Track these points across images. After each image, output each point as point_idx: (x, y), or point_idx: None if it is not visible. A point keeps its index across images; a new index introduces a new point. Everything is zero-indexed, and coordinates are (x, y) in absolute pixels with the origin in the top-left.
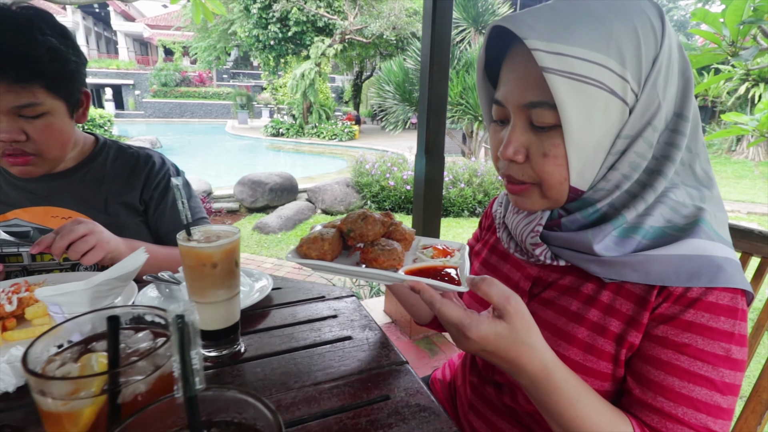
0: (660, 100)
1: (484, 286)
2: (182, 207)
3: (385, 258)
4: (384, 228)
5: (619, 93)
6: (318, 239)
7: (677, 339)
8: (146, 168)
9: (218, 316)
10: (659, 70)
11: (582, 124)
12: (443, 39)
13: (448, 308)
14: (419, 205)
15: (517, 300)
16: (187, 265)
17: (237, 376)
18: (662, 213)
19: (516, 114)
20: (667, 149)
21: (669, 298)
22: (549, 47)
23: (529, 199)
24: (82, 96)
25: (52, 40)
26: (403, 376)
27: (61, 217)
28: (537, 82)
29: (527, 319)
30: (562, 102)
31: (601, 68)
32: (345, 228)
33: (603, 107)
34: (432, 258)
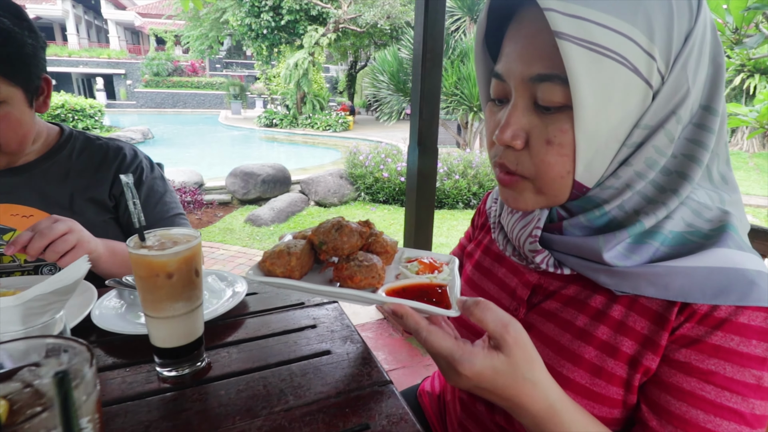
0: (689, 85)
1: (478, 312)
2: (133, 208)
3: (363, 275)
4: (362, 240)
5: (643, 72)
6: (284, 253)
7: (702, 366)
8: (116, 161)
9: (177, 332)
10: (691, 50)
11: (597, 105)
12: (436, 26)
13: (436, 338)
14: (412, 197)
15: (517, 328)
16: (139, 275)
17: (197, 400)
18: (683, 216)
19: (518, 90)
20: (691, 147)
21: (692, 318)
22: (566, 8)
23: (521, 195)
24: (42, 83)
25: (4, 21)
26: (386, 399)
27: (21, 215)
28: (547, 52)
29: (529, 350)
30: (576, 76)
31: (626, 40)
32: (316, 240)
33: (623, 88)
34: (417, 273)
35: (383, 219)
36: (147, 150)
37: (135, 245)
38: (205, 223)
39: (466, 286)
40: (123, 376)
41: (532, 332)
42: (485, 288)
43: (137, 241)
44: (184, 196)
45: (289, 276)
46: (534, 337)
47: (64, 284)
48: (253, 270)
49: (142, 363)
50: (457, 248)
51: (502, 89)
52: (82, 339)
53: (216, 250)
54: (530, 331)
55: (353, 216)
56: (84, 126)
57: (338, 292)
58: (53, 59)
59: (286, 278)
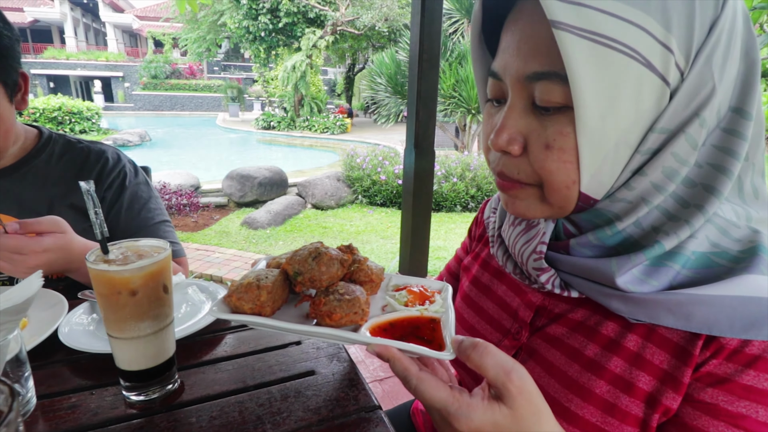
0: (715, 82)
1: (476, 356)
2: (95, 218)
3: (343, 312)
4: (343, 269)
5: (658, 67)
6: (253, 287)
7: (732, 408)
8: (98, 165)
9: (143, 354)
10: (717, 41)
11: (602, 106)
12: (433, 27)
13: (428, 387)
14: (409, 200)
15: (521, 374)
16: (100, 292)
17: (166, 428)
18: (708, 234)
19: (515, 89)
20: (718, 156)
21: (720, 353)
22: None
23: (524, 201)
24: (19, 78)
25: None
26: (374, 428)
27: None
28: (545, 47)
29: (536, 400)
30: (577, 73)
31: (637, 30)
32: (291, 270)
33: (634, 85)
34: (406, 304)
35: (380, 222)
36: (144, 152)
37: (95, 259)
38: (201, 226)
39: (463, 303)
40: (87, 401)
41: (536, 359)
42: (484, 307)
43: (98, 255)
44: (181, 198)
45: (258, 312)
46: (538, 365)
47: (13, 303)
48: (217, 306)
49: (109, 385)
50: (453, 260)
51: (499, 88)
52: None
53: (212, 253)
54: (533, 358)
55: (350, 218)
56: (81, 128)
57: (316, 332)
58: (51, 62)
59: (256, 315)
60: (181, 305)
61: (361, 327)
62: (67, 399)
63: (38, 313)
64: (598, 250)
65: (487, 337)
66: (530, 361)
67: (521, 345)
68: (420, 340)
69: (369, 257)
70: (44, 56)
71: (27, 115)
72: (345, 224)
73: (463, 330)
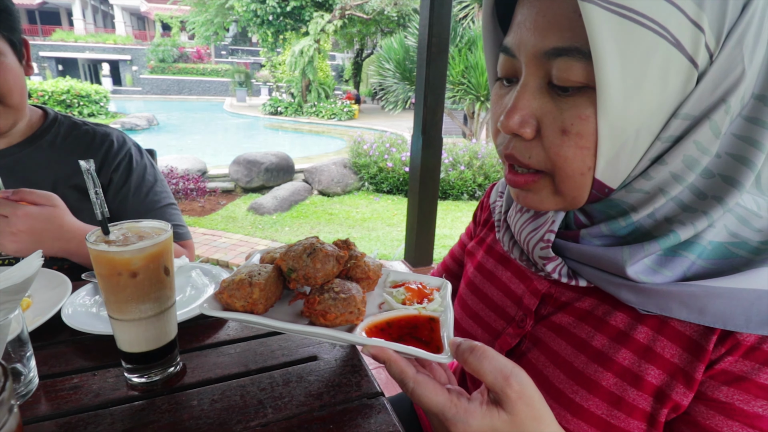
0: (745, 66)
1: (474, 360)
2: (95, 198)
3: (338, 311)
4: (339, 265)
5: (687, 47)
6: (245, 284)
7: (748, 408)
8: (103, 147)
9: (145, 336)
10: (750, 22)
11: (627, 87)
12: (443, 13)
13: (425, 391)
14: (416, 188)
15: (521, 379)
16: (100, 273)
17: (167, 411)
18: (726, 224)
19: (530, 67)
20: (740, 146)
21: (736, 350)
22: None
23: (538, 194)
24: (22, 46)
25: None
26: (375, 414)
27: None
28: (567, 19)
29: (536, 404)
30: (602, 49)
31: (668, 5)
32: (285, 266)
33: (661, 65)
34: (404, 302)
35: (387, 209)
36: (152, 137)
37: (95, 240)
38: (208, 211)
39: (467, 289)
40: (89, 382)
41: (540, 348)
42: (488, 293)
43: (99, 235)
44: (188, 183)
45: (251, 310)
46: (542, 354)
47: (13, 282)
48: (208, 302)
49: (111, 367)
50: (457, 246)
51: (511, 66)
52: (50, 339)
53: (218, 238)
54: (537, 347)
55: (356, 205)
56: (89, 112)
57: (309, 331)
58: (60, 44)
59: (248, 313)
60: (185, 288)
61: (357, 327)
62: (69, 380)
63: (42, 293)
64: (608, 240)
65: (492, 325)
66: (534, 349)
67: (525, 333)
68: (418, 341)
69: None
70: (53, 38)
71: (36, 98)
72: (351, 211)
73: (467, 317)
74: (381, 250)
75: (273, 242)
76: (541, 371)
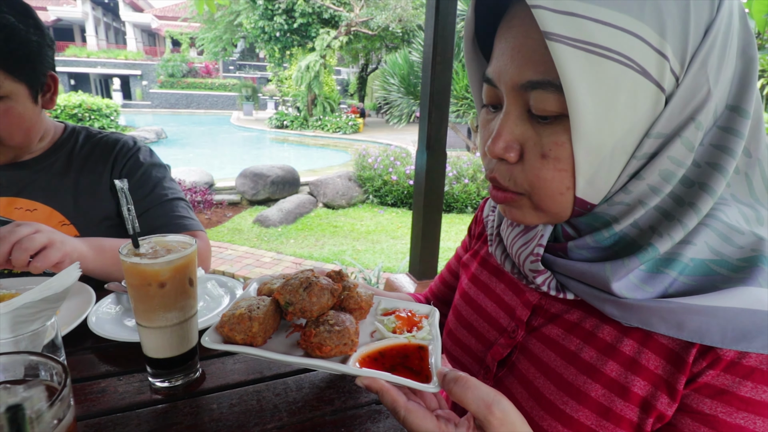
0: (710, 86)
1: (458, 390)
2: (127, 214)
3: (333, 344)
4: (333, 298)
5: (653, 74)
6: (245, 318)
7: (730, 420)
8: (114, 149)
9: (169, 343)
10: (712, 45)
11: (597, 114)
12: (447, 29)
13: (416, 418)
14: (420, 201)
15: (503, 406)
16: (131, 284)
17: (189, 414)
18: (707, 241)
19: (510, 97)
20: (715, 154)
21: (717, 365)
22: (557, 4)
23: (520, 210)
24: (47, 79)
25: (9, 18)
26: (384, 420)
27: (25, 209)
28: (539, 56)
29: (518, 430)
30: (571, 82)
31: (631, 37)
32: (282, 300)
33: (629, 93)
34: (394, 331)
35: (391, 222)
36: (160, 149)
37: (128, 253)
38: (215, 223)
39: (462, 300)
40: (115, 386)
41: (530, 359)
42: (482, 304)
43: (130, 248)
44: (195, 195)
45: (250, 343)
46: (532, 365)
47: (53, 292)
48: (210, 336)
49: (135, 372)
50: (453, 259)
51: (494, 94)
52: (76, 346)
53: (224, 250)
54: (527, 357)
55: (361, 218)
56: (100, 125)
57: (306, 363)
58: (72, 60)
59: (248, 345)
60: (201, 298)
61: (350, 357)
62: (97, 384)
63: (67, 302)
64: (595, 251)
65: (485, 335)
66: (525, 360)
67: (516, 343)
68: (408, 370)
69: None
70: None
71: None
72: (356, 224)
73: (462, 327)
74: (385, 263)
75: (278, 254)
76: (532, 381)
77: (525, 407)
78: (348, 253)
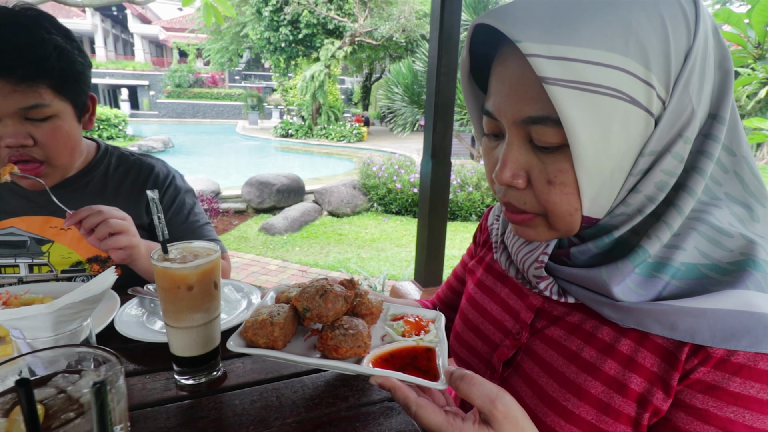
0: (694, 105)
1: (464, 386)
2: (158, 222)
3: (348, 346)
4: (347, 305)
5: (642, 102)
6: (267, 323)
7: (721, 414)
8: (150, 177)
9: (195, 342)
10: (692, 68)
11: (595, 144)
12: (451, 41)
13: (426, 413)
14: (425, 209)
15: (506, 401)
16: (161, 287)
17: (213, 408)
18: (697, 245)
19: (512, 130)
20: (696, 158)
21: (708, 362)
22: (549, 51)
23: (534, 230)
24: (88, 100)
25: (57, 38)
26: (396, 416)
27: (59, 227)
28: (536, 92)
29: (521, 423)
30: (570, 119)
31: (619, 72)
32: (300, 306)
33: (622, 121)
34: (403, 334)
35: (395, 230)
36: (167, 158)
37: (158, 258)
38: (221, 231)
39: (468, 305)
40: (143, 383)
41: (534, 359)
42: (487, 308)
43: (161, 254)
44: (201, 204)
45: (272, 346)
46: (536, 364)
47: (92, 293)
48: (234, 340)
49: (161, 370)
50: (459, 266)
51: (495, 126)
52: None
53: (230, 258)
54: (532, 358)
55: (365, 226)
56: (108, 135)
57: (323, 364)
58: None
59: (269, 348)
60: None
61: (364, 358)
62: (126, 381)
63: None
64: (596, 255)
65: (490, 337)
66: (529, 360)
67: (521, 345)
68: (417, 370)
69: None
70: None
71: None
72: (360, 232)
73: (468, 330)
74: (390, 271)
75: (284, 262)
76: (536, 380)
77: (529, 405)
78: (353, 261)
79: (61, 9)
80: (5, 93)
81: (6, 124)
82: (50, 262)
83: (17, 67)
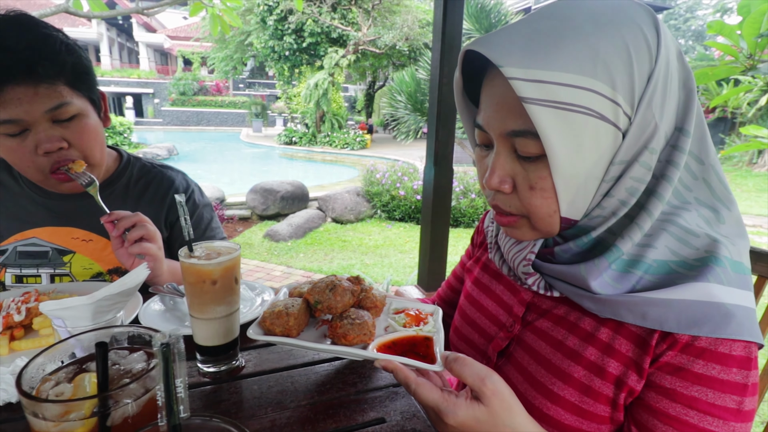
0: (656, 121)
1: (457, 367)
2: (185, 224)
3: (355, 333)
4: (354, 298)
5: (610, 118)
6: (282, 314)
7: (686, 392)
8: (171, 190)
9: (217, 332)
10: (654, 89)
11: (569, 154)
12: (453, 50)
13: (424, 390)
14: (428, 215)
15: (494, 379)
16: (188, 281)
17: (234, 393)
18: (667, 244)
19: (499, 141)
20: (665, 167)
21: (675, 346)
22: (527, 74)
23: (519, 230)
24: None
25: (59, 34)
26: (400, 399)
27: (81, 239)
28: (518, 109)
29: (507, 399)
30: (546, 133)
31: (589, 93)
32: (312, 299)
33: (592, 135)
34: (404, 326)
35: (399, 236)
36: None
37: (185, 255)
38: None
39: (466, 301)
40: None
41: (524, 348)
42: (483, 303)
43: (187, 252)
44: None
45: (287, 334)
46: (526, 353)
47: (128, 286)
48: (254, 329)
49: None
50: (458, 266)
51: (485, 137)
52: None
53: None
54: (522, 348)
55: (369, 233)
56: (114, 142)
57: (333, 350)
58: None
59: (285, 336)
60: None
61: (369, 345)
62: None
63: None
64: (577, 254)
65: (486, 330)
66: (520, 350)
67: (513, 336)
68: (416, 355)
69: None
70: None
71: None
72: (364, 238)
73: (466, 324)
74: (394, 277)
75: (288, 268)
76: (526, 368)
77: (520, 389)
78: (357, 267)
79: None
80: (29, 98)
81: (38, 131)
82: (72, 273)
83: (37, 65)
